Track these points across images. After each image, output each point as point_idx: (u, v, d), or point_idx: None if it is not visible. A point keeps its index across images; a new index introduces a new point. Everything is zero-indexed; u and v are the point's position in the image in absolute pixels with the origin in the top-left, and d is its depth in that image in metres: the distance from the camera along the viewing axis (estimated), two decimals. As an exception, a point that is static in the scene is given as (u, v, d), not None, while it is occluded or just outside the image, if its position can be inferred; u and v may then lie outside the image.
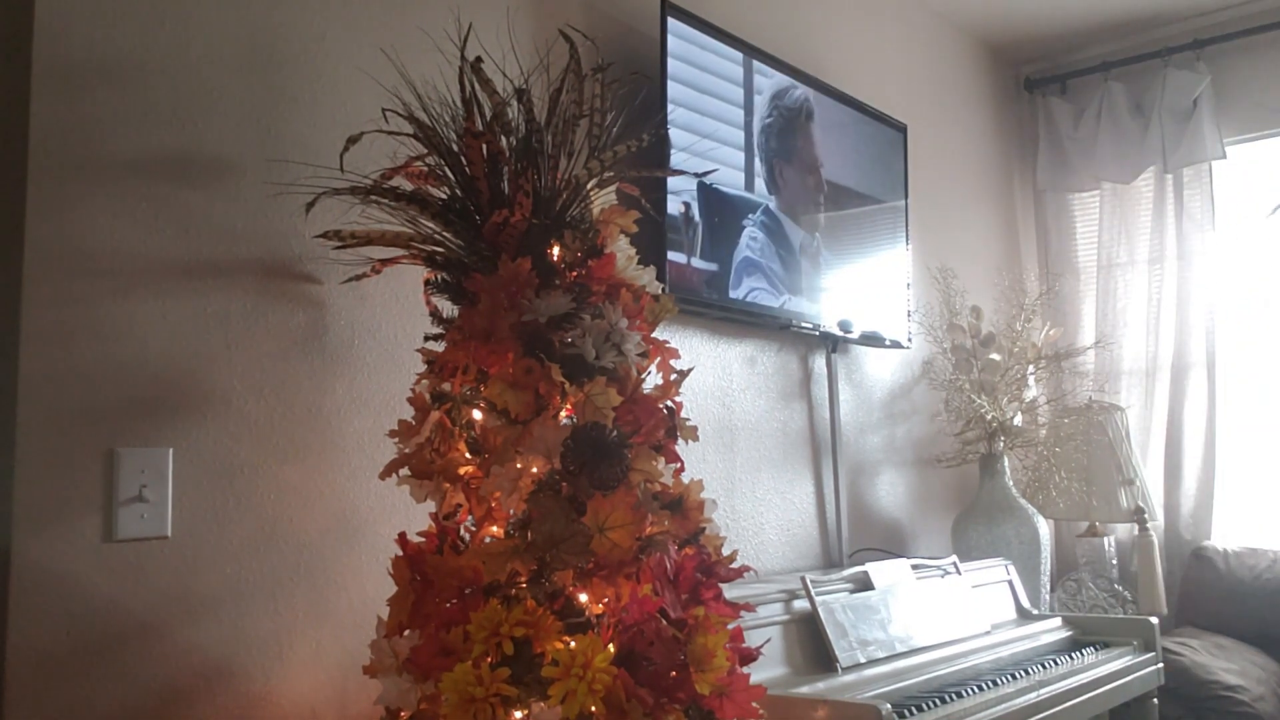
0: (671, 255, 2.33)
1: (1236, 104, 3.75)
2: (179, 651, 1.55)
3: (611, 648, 1.33)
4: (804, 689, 1.93)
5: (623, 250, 1.58)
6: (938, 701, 1.98)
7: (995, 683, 2.17)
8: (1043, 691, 2.22)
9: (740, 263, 2.55)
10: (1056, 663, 2.43)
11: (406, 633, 1.44)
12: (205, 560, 1.59)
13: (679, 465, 1.51)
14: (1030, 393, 3.38)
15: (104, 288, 1.51)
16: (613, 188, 1.63)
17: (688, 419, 1.54)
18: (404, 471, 1.52)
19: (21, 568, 1.40)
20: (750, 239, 2.59)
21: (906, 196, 3.21)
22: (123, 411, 1.52)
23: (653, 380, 1.54)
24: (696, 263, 2.41)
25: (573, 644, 1.32)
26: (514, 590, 1.39)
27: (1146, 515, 3.36)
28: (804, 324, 2.75)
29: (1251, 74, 3.74)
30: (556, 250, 1.53)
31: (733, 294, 2.52)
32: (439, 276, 1.57)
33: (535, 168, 1.51)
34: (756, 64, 2.64)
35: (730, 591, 1.52)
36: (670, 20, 2.35)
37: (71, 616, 1.44)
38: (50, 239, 1.46)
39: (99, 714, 1.46)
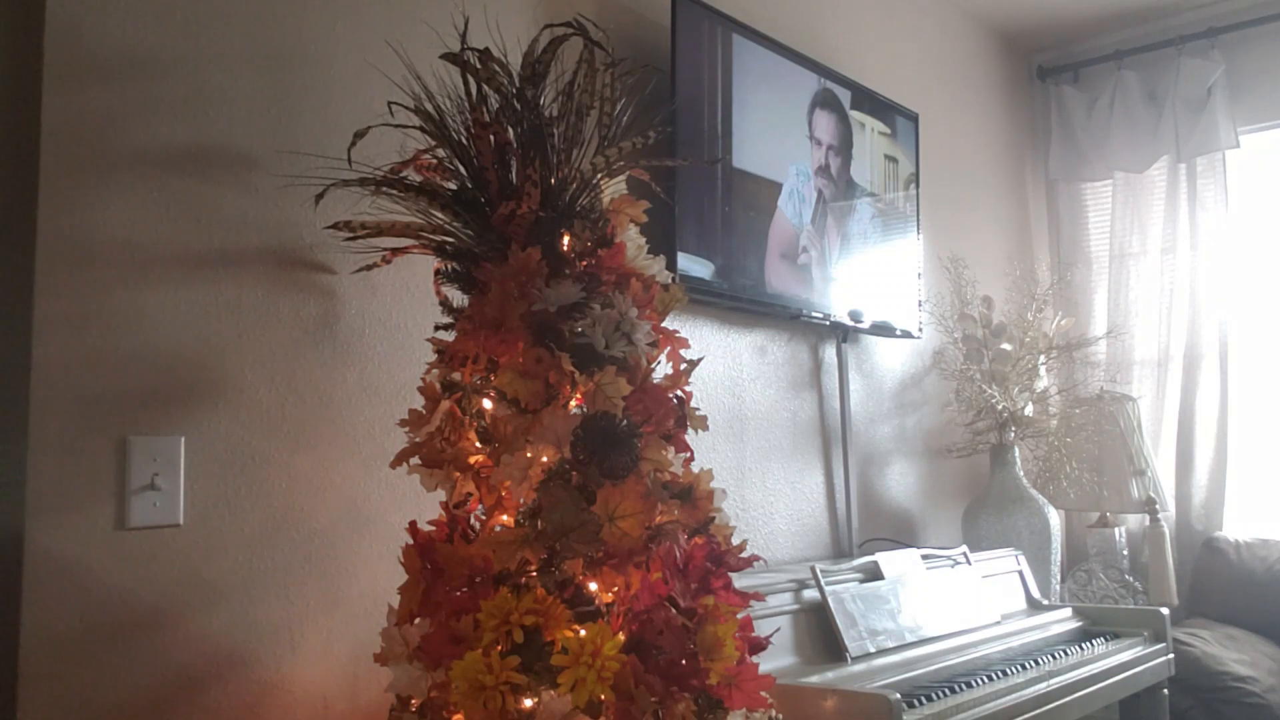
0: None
1: (1251, 93, 3.72)
2: (191, 639, 1.56)
3: (621, 636, 1.33)
4: (813, 678, 1.94)
5: (633, 239, 1.58)
6: (947, 691, 1.98)
7: (1005, 673, 2.17)
8: (1053, 682, 2.21)
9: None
10: (1067, 653, 2.43)
11: (417, 621, 1.45)
12: (217, 548, 1.60)
13: (689, 455, 1.51)
14: (1041, 383, 3.37)
15: (116, 277, 1.52)
16: (623, 176, 1.63)
17: (698, 408, 1.54)
18: (414, 460, 1.52)
19: (34, 555, 1.41)
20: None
21: (918, 186, 3.19)
22: (135, 400, 1.53)
23: (663, 370, 1.54)
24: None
25: (582, 632, 1.32)
26: (524, 579, 1.39)
27: (1158, 506, 3.35)
28: (814, 313, 2.74)
29: (1266, 62, 3.71)
30: (566, 240, 1.53)
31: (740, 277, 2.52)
32: (449, 266, 1.57)
33: (543, 158, 1.51)
34: (768, 52, 2.63)
35: (740, 581, 1.52)
36: (680, 10, 2.35)
37: (84, 604, 1.45)
38: (63, 229, 1.47)
39: (112, 700, 1.47)
